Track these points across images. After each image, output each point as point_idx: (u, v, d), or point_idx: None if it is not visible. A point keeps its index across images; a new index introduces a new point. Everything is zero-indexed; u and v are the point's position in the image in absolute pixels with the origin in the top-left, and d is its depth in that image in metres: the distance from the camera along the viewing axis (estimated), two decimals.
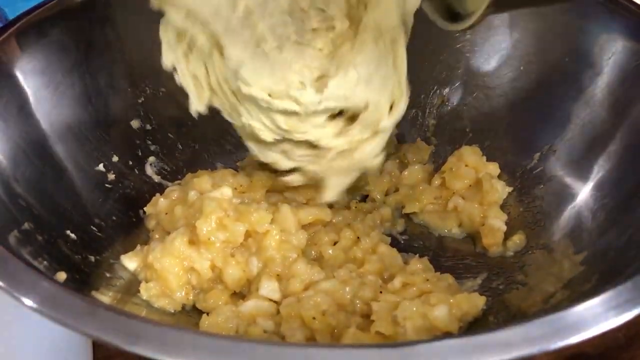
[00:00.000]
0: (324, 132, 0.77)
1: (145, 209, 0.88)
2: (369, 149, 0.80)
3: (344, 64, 0.73)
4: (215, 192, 0.82)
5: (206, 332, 0.66)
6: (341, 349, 0.52)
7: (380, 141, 0.81)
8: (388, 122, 0.78)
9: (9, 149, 0.74)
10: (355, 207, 0.94)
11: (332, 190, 0.84)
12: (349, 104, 0.75)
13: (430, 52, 1.02)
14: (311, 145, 0.79)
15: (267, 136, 0.77)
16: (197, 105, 0.76)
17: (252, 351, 0.44)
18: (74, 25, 0.88)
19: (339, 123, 0.77)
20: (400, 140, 1.03)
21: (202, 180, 0.86)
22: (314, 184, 0.85)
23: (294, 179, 0.83)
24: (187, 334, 0.46)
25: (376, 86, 0.75)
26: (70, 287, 0.60)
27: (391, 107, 0.78)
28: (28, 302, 0.50)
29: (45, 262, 0.63)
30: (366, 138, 0.78)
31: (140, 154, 0.94)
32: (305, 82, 0.72)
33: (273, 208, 0.83)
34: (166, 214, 0.82)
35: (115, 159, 0.91)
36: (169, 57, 0.74)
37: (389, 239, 0.89)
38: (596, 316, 0.47)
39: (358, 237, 0.86)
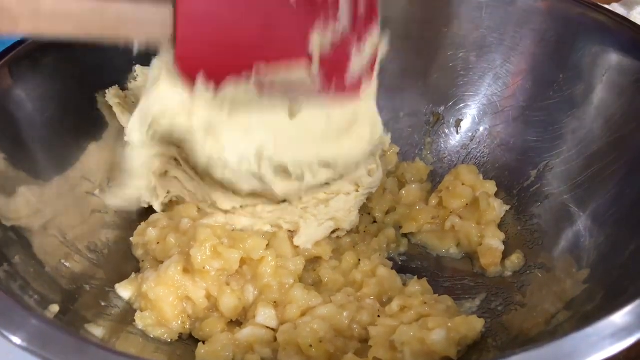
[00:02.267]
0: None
1: (132, 238, 0.87)
2: (344, 200, 0.87)
3: None
4: (209, 219, 0.81)
5: None
6: None
7: (356, 197, 0.89)
8: (368, 178, 0.88)
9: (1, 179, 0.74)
10: (365, 230, 0.93)
11: (305, 237, 0.85)
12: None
13: (423, 71, 1.02)
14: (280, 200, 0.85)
15: (244, 187, 0.79)
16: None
17: None
18: (67, 53, 0.88)
19: None
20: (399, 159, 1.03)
21: (189, 208, 0.86)
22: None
23: None
24: None
25: None
26: (61, 322, 0.60)
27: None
28: (16, 340, 0.49)
29: (36, 296, 0.63)
30: (346, 191, 0.87)
31: None
32: None
33: (269, 235, 0.83)
34: (158, 243, 0.81)
35: (111, 185, 0.90)
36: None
37: (391, 264, 0.88)
38: (593, 345, 0.46)
39: (359, 260, 0.85)
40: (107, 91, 0.92)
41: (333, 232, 0.90)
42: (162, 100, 0.72)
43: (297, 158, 0.78)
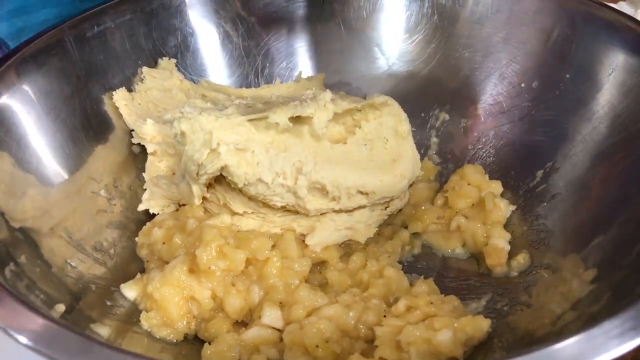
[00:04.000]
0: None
1: (136, 238, 0.88)
2: (368, 214, 0.88)
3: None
4: (215, 220, 0.81)
5: None
6: None
7: (380, 215, 0.90)
8: (398, 202, 0.91)
9: (7, 181, 0.74)
10: (378, 233, 0.93)
11: (317, 239, 0.85)
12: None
13: (429, 71, 1.02)
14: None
15: (277, 202, 0.82)
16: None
17: None
18: (73, 53, 0.88)
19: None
20: None
21: (195, 208, 0.86)
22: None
23: None
24: None
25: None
26: (67, 321, 0.60)
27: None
28: (22, 339, 0.49)
29: (42, 296, 0.63)
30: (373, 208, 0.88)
31: (141, 179, 0.93)
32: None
33: (275, 236, 0.83)
34: (163, 243, 0.82)
35: (117, 184, 0.90)
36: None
37: (400, 265, 0.87)
38: (599, 345, 0.46)
39: (366, 261, 0.85)
40: (114, 93, 0.92)
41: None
42: (193, 159, 0.78)
43: (337, 180, 0.80)
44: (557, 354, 0.46)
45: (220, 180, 0.85)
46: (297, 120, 0.80)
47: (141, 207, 0.90)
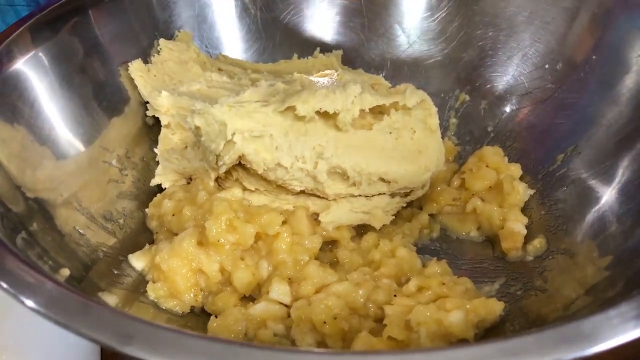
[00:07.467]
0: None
1: (146, 210, 0.87)
2: (387, 201, 0.86)
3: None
4: (226, 193, 0.80)
5: (202, 335, 0.64)
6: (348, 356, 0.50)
7: (399, 202, 0.88)
8: (420, 191, 0.88)
9: (18, 148, 0.73)
10: (394, 214, 0.91)
11: (331, 217, 0.84)
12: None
13: (450, 50, 1.00)
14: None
15: (296, 186, 0.82)
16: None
17: (248, 356, 0.42)
18: (88, 21, 0.87)
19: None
20: None
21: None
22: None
23: None
24: (182, 336, 0.44)
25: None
26: (73, 287, 0.59)
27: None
28: (29, 303, 0.48)
29: (51, 263, 0.62)
30: (396, 197, 0.87)
31: (154, 151, 0.93)
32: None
33: (287, 212, 0.82)
34: (173, 215, 0.81)
35: (129, 155, 0.90)
36: None
37: (414, 247, 0.86)
38: (615, 326, 0.44)
39: (379, 241, 0.84)
40: (129, 64, 0.92)
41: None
42: (210, 150, 0.78)
43: (359, 165, 0.79)
44: (569, 333, 0.44)
45: None
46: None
47: (154, 182, 0.90)
